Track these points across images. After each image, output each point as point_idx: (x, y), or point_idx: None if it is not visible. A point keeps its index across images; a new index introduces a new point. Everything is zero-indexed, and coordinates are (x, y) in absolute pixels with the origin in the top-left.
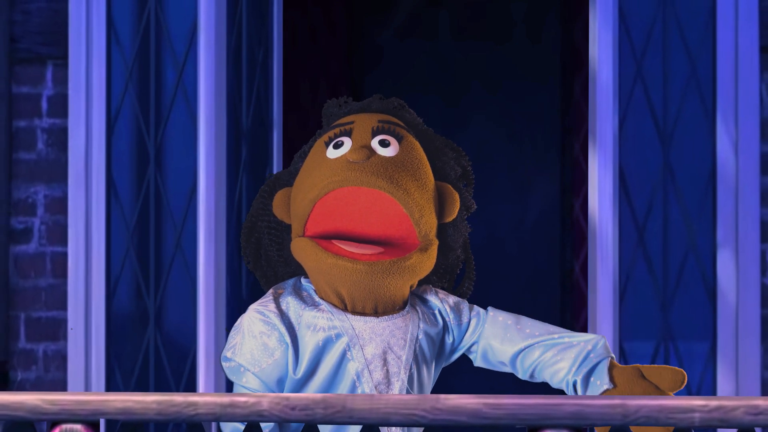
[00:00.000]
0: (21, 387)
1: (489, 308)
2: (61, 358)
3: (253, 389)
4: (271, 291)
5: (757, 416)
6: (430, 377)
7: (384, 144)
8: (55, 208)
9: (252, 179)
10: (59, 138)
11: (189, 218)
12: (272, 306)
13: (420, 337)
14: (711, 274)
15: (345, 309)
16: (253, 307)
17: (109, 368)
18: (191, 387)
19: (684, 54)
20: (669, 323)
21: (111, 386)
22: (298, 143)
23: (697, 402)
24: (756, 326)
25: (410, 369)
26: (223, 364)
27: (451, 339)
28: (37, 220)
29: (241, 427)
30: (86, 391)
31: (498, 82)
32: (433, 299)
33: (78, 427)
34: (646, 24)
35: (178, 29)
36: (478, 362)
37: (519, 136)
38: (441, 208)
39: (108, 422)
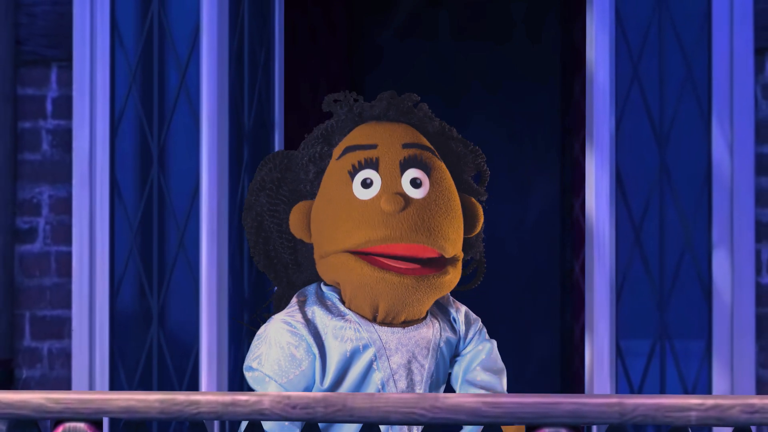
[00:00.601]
0: (26, 384)
1: (488, 339)
2: (66, 356)
3: None
4: (294, 300)
5: (753, 415)
6: (445, 382)
7: (416, 184)
8: (60, 208)
9: None
10: (64, 139)
11: (192, 218)
12: (299, 316)
13: (441, 345)
14: (706, 273)
15: (373, 320)
16: (278, 317)
17: (113, 366)
18: (194, 385)
19: (680, 56)
20: (665, 322)
21: (115, 384)
22: (298, 143)
23: (693, 401)
24: (751, 325)
25: (432, 376)
26: (247, 374)
27: (460, 347)
28: (41, 220)
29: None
30: (90, 388)
31: (498, 82)
32: (450, 308)
33: (81, 425)
34: (642, 26)
35: (180, 32)
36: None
37: (519, 136)
38: (467, 223)
39: (111, 420)
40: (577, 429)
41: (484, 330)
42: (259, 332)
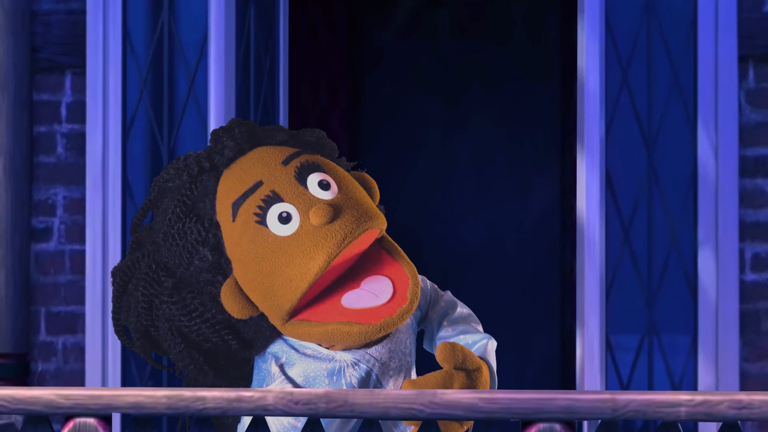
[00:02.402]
0: (41, 377)
1: (444, 293)
2: (80, 350)
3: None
4: (274, 368)
5: (741, 410)
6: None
7: (324, 186)
8: (74, 208)
9: None
10: (77, 142)
11: None
12: (290, 387)
13: (414, 329)
14: (692, 271)
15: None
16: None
17: (125, 360)
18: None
19: (667, 63)
20: (653, 317)
21: (126, 377)
22: None
23: (683, 397)
24: (735, 320)
25: (411, 354)
26: None
27: (419, 313)
28: (56, 220)
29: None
30: (103, 381)
31: (498, 82)
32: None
33: (91, 420)
34: (631, 34)
35: (189, 40)
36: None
37: (519, 136)
38: (368, 193)
39: (123, 416)
40: (571, 424)
41: (437, 289)
42: None
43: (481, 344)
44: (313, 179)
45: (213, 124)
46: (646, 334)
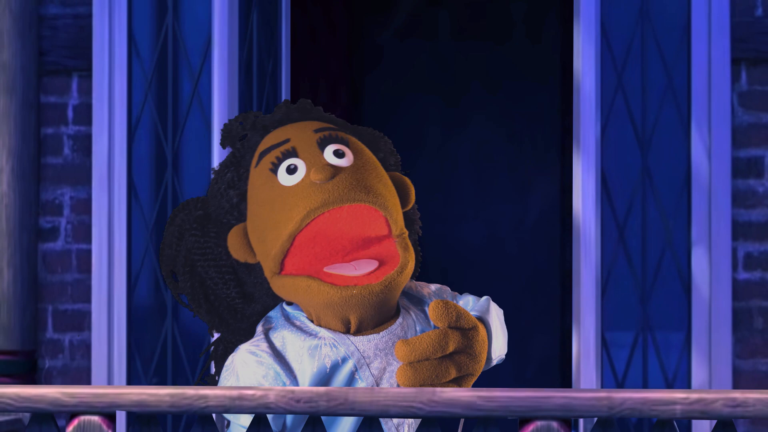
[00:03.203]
0: (48, 374)
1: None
2: (86, 347)
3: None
4: (260, 329)
5: (735, 408)
6: None
7: (339, 155)
8: (80, 208)
9: None
10: (84, 144)
11: None
12: (264, 345)
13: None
14: (686, 269)
15: (347, 331)
16: (244, 347)
17: (130, 356)
18: (205, 374)
19: (661, 66)
20: (647, 315)
21: (132, 373)
22: None
23: (678, 395)
24: (727, 318)
25: None
26: None
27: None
28: (63, 220)
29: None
30: (108, 378)
31: (498, 82)
32: (422, 297)
33: (95, 418)
34: (626, 38)
35: (193, 43)
36: None
37: (519, 136)
38: (401, 199)
39: (129, 414)
40: (568, 422)
41: (456, 294)
42: (227, 362)
43: (482, 303)
44: (331, 147)
45: (216, 126)
46: (641, 331)
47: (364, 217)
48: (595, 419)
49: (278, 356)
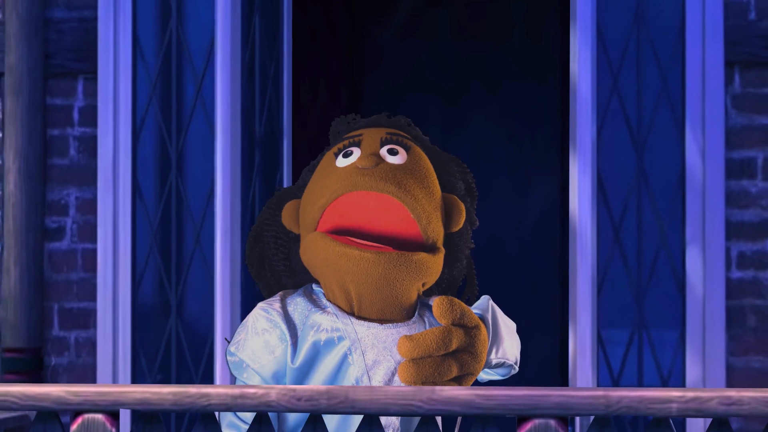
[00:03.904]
0: (54, 371)
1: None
2: (91, 344)
3: (253, 384)
4: (280, 293)
5: (730, 406)
6: None
7: (392, 152)
8: (86, 208)
9: (264, 183)
10: (89, 145)
11: (207, 218)
12: (277, 305)
13: None
14: (680, 268)
15: (351, 313)
16: (259, 305)
17: (135, 354)
18: (209, 371)
19: (656, 69)
20: (642, 313)
21: (136, 371)
22: (297, 142)
23: (674, 393)
24: (721, 316)
25: None
26: (228, 358)
27: None
28: (69, 220)
29: (240, 423)
30: (113, 375)
31: (498, 82)
32: None
33: (99, 416)
34: (621, 42)
35: (197, 47)
36: None
37: (519, 136)
38: (447, 219)
39: (133, 412)
40: (565, 420)
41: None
42: (244, 320)
43: (482, 302)
44: (390, 146)
45: (220, 127)
46: (636, 329)
47: (390, 210)
48: (592, 417)
49: (287, 318)
